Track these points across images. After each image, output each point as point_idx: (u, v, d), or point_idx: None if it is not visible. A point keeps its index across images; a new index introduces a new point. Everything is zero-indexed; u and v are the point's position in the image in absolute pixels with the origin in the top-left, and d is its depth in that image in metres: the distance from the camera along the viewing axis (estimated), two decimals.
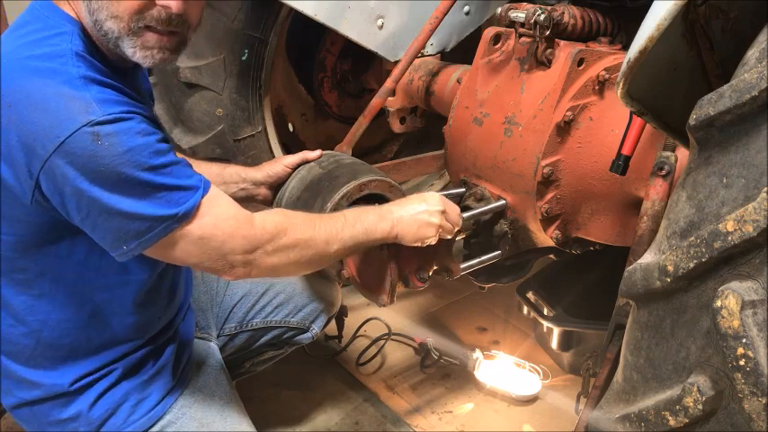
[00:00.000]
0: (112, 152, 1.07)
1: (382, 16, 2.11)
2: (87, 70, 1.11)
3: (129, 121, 1.10)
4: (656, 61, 0.95)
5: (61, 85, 1.07)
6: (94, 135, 1.05)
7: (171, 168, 1.14)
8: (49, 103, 1.06)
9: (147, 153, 1.10)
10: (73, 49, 1.12)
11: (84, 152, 1.05)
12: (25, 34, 1.15)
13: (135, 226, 1.12)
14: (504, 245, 1.72)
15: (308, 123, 2.86)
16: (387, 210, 1.39)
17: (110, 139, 1.06)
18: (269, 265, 1.25)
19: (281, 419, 2.09)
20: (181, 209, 1.13)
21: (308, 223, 1.29)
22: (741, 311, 0.75)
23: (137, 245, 1.14)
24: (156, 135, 1.14)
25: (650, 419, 0.87)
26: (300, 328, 1.77)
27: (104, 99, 1.09)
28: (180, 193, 1.14)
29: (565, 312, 2.14)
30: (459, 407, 2.18)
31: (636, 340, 0.92)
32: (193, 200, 1.15)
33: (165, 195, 1.12)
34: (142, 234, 1.13)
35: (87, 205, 1.09)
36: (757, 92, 0.75)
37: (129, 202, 1.09)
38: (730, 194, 0.78)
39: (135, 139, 1.09)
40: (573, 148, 1.61)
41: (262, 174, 1.66)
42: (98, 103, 1.08)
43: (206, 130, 2.18)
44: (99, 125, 1.06)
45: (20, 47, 1.12)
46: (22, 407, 1.34)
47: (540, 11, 1.59)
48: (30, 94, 1.07)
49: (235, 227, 1.20)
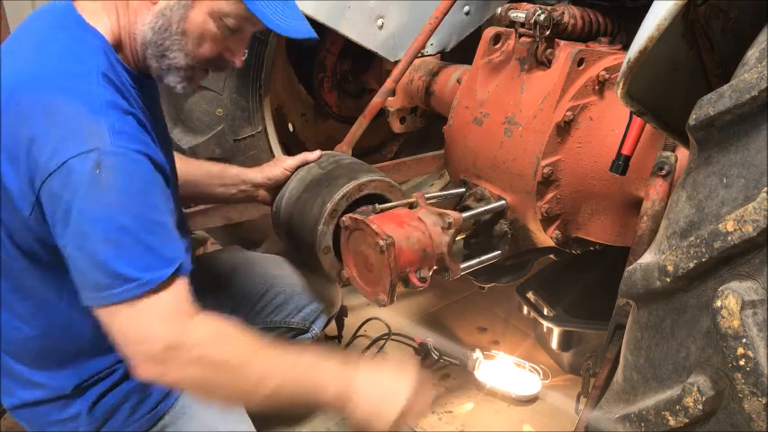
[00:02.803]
0: (107, 186, 1.05)
1: (382, 16, 2.11)
2: (111, 94, 1.11)
3: (135, 162, 1.08)
4: (656, 61, 0.95)
5: (82, 106, 1.07)
6: (96, 163, 1.04)
7: (158, 229, 1.10)
8: (65, 121, 1.05)
9: (140, 201, 1.08)
10: (100, 69, 1.12)
11: (81, 177, 1.04)
12: (53, 45, 1.14)
13: (96, 277, 1.07)
14: (504, 245, 1.72)
15: (308, 123, 2.85)
16: (348, 380, 1.18)
17: (109, 174, 1.05)
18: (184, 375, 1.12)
19: (281, 419, 2.09)
20: (147, 276, 1.07)
21: (250, 349, 1.14)
22: (741, 311, 0.75)
23: (92, 297, 1.08)
24: (157, 188, 1.11)
25: (650, 419, 0.87)
26: (301, 328, 1.77)
27: (119, 130, 1.08)
28: (154, 258, 1.09)
29: (565, 312, 2.14)
30: (459, 407, 2.18)
31: (636, 340, 0.92)
32: (164, 272, 1.09)
33: (140, 254, 1.07)
34: (99, 288, 1.07)
35: (70, 234, 1.06)
36: (757, 92, 0.75)
37: (102, 247, 1.05)
38: (730, 194, 0.78)
39: (134, 183, 1.07)
40: (573, 148, 1.60)
41: (261, 176, 1.67)
42: (112, 132, 1.06)
43: (206, 130, 2.18)
44: (105, 155, 1.04)
45: (47, 58, 1.12)
46: (23, 407, 1.34)
47: (540, 11, 1.59)
48: (50, 109, 1.06)
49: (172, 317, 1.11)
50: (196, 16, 1.17)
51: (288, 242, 1.70)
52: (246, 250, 1.97)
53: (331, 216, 1.50)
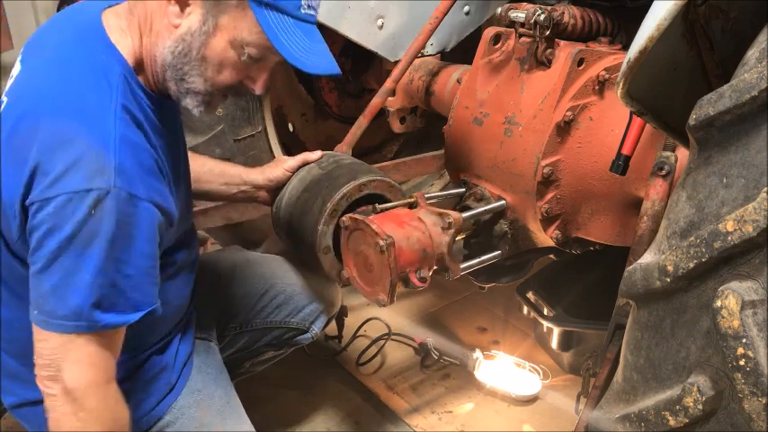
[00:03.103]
0: (95, 227, 1.05)
1: (382, 16, 2.11)
2: (127, 128, 1.10)
3: (131, 206, 1.07)
4: (656, 61, 0.95)
5: (94, 141, 1.07)
6: (94, 202, 1.04)
7: (134, 273, 1.11)
8: (74, 154, 1.05)
9: (124, 246, 1.08)
10: (119, 100, 1.11)
11: (74, 213, 1.04)
12: (76, 67, 1.13)
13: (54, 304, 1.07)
14: (504, 245, 1.72)
15: (308, 123, 2.85)
16: None
17: (104, 215, 1.05)
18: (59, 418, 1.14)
19: (281, 419, 2.09)
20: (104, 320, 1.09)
21: None
22: (741, 311, 0.75)
23: (42, 321, 1.09)
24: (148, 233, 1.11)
25: (650, 419, 0.87)
26: (300, 328, 1.77)
27: (126, 171, 1.07)
28: (119, 303, 1.10)
29: (565, 312, 2.14)
30: (459, 407, 2.18)
31: (636, 340, 0.92)
32: (122, 319, 1.11)
33: (108, 296, 1.08)
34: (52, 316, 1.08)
35: (41, 256, 1.07)
36: (757, 92, 0.75)
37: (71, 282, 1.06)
38: (730, 194, 0.78)
39: (123, 227, 1.07)
40: (573, 148, 1.60)
41: (262, 177, 1.67)
42: (117, 173, 1.06)
43: (206, 130, 2.18)
44: (103, 197, 1.04)
45: (68, 82, 1.11)
46: (23, 406, 1.34)
47: (540, 11, 1.59)
48: (62, 139, 1.06)
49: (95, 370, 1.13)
50: (217, 44, 1.15)
51: (288, 242, 1.70)
52: (246, 250, 1.97)
53: (331, 216, 1.50)
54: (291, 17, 1.14)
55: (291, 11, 1.14)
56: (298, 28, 1.15)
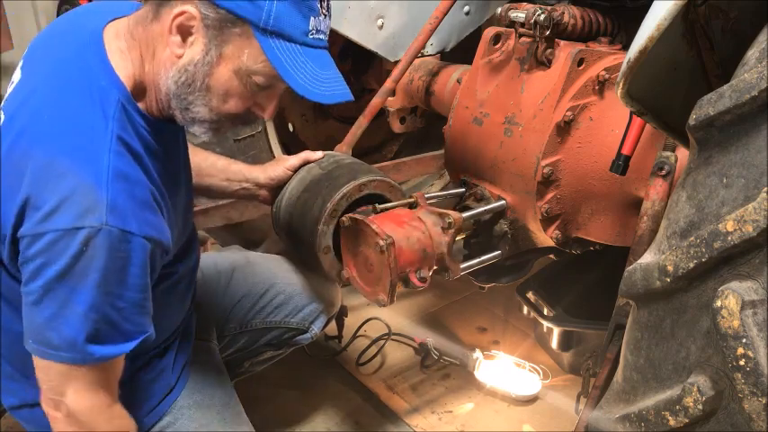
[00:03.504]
0: (87, 264, 1.04)
1: (382, 16, 2.11)
2: (122, 161, 1.08)
3: (123, 242, 1.06)
4: (656, 61, 0.95)
5: (87, 176, 1.05)
6: (86, 240, 1.03)
7: (126, 306, 1.10)
8: (66, 189, 1.04)
9: (116, 280, 1.07)
10: (115, 132, 1.09)
11: (66, 250, 1.03)
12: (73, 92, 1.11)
13: (50, 335, 1.08)
14: (504, 245, 1.72)
15: (308, 123, 2.85)
16: None
17: (96, 252, 1.04)
18: None
19: (281, 419, 2.09)
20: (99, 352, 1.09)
21: None
22: (741, 311, 0.75)
23: (37, 349, 1.10)
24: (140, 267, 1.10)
25: (650, 419, 0.87)
26: (300, 328, 1.77)
27: (118, 207, 1.06)
28: (112, 335, 1.10)
29: (565, 312, 2.14)
30: (459, 407, 2.18)
31: (636, 340, 0.92)
32: (116, 350, 1.11)
33: (100, 330, 1.08)
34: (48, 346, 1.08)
35: (34, 289, 1.06)
36: (757, 92, 0.76)
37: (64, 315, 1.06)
38: (730, 194, 0.78)
39: (115, 262, 1.06)
40: (573, 148, 1.60)
41: (264, 176, 1.67)
42: (109, 209, 1.04)
43: None
44: (95, 234, 1.03)
45: (63, 109, 1.09)
46: (23, 408, 1.34)
47: (540, 11, 1.59)
48: (54, 171, 1.05)
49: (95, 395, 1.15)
50: (221, 74, 1.12)
51: (288, 242, 1.70)
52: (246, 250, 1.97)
53: (331, 216, 1.50)
54: (299, 44, 1.11)
55: (298, 38, 1.10)
56: (306, 55, 1.12)
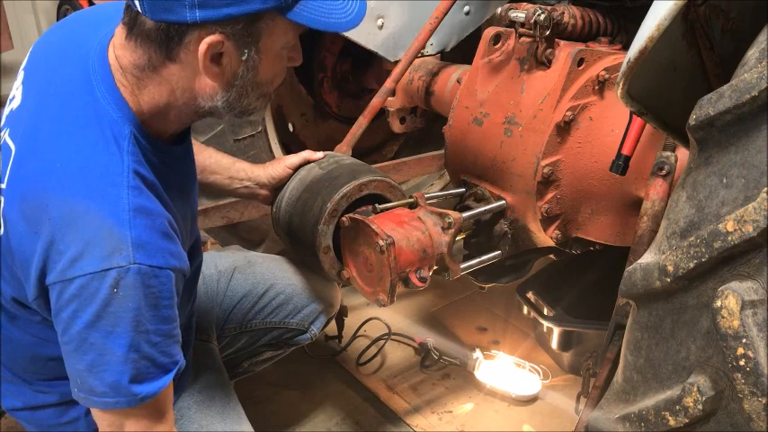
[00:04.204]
0: (120, 305, 1.03)
1: (382, 16, 2.11)
2: (140, 196, 1.07)
3: (153, 278, 1.05)
4: (656, 61, 0.95)
5: (108, 216, 1.03)
6: (115, 281, 1.02)
7: (161, 341, 1.10)
8: (89, 232, 1.03)
9: (150, 316, 1.07)
10: (130, 167, 1.07)
11: (96, 294, 1.02)
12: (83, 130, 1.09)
13: (93, 383, 1.08)
14: (504, 245, 1.72)
15: (308, 123, 2.85)
16: None
17: (127, 292, 1.03)
18: None
19: (281, 419, 2.09)
20: (142, 391, 1.09)
21: None
22: (741, 311, 0.75)
23: (84, 398, 1.10)
24: (170, 300, 1.10)
25: (650, 419, 0.87)
26: (300, 329, 1.77)
27: (143, 243, 1.05)
28: (152, 371, 1.10)
29: (565, 312, 2.14)
30: (459, 407, 2.18)
31: (636, 340, 0.92)
32: (159, 384, 1.11)
33: (140, 369, 1.08)
34: (93, 394, 1.08)
35: (70, 338, 1.06)
36: (757, 92, 0.75)
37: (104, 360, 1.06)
38: (730, 194, 0.78)
39: (147, 299, 1.05)
40: (573, 148, 1.61)
41: (265, 175, 1.67)
42: (135, 247, 1.03)
43: (206, 129, 2.18)
44: (124, 274, 1.02)
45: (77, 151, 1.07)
46: (22, 410, 1.34)
47: (540, 11, 1.59)
48: (74, 214, 1.03)
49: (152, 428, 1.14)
50: (265, 66, 1.13)
51: (288, 242, 1.70)
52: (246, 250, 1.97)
53: (331, 216, 1.50)
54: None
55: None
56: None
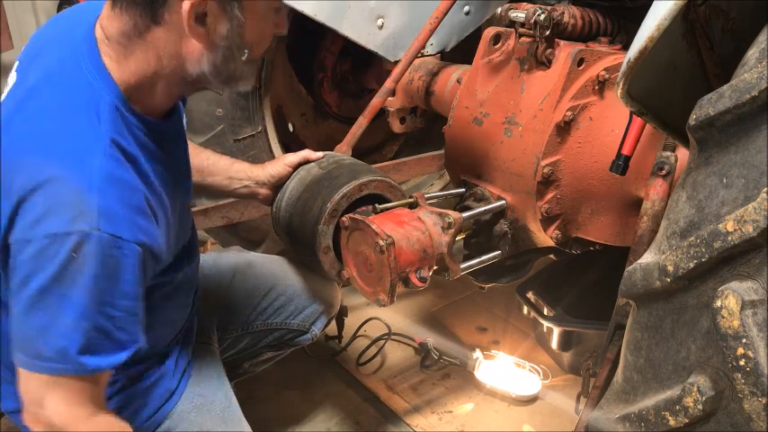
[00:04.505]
0: (77, 270, 1.02)
1: (382, 16, 2.11)
2: (115, 165, 1.06)
3: (114, 248, 1.04)
4: (656, 61, 0.95)
5: (75, 182, 1.03)
6: (76, 245, 1.01)
7: (120, 314, 1.08)
8: (57, 195, 1.02)
9: (107, 287, 1.05)
10: (108, 134, 1.07)
11: (55, 257, 1.01)
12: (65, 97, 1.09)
13: (40, 347, 1.05)
14: (504, 245, 1.72)
15: (308, 123, 2.86)
16: None
17: (86, 258, 1.02)
18: None
19: (281, 419, 2.09)
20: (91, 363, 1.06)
21: None
22: (741, 311, 0.75)
23: (27, 362, 1.07)
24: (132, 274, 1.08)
25: (650, 419, 0.87)
26: (301, 329, 1.77)
27: (110, 212, 1.04)
28: (104, 345, 1.08)
29: (565, 312, 2.14)
30: (459, 407, 2.18)
31: (636, 340, 0.92)
32: (108, 361, 1.09)
33: (91, 340, 1.06)
34: (39, 358, 1.05)
35: (24, 297, 1.04)
36: (757, 92, 0.75)
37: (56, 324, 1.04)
38: (730, 194, 0.78)
39: (106, 269, 1.04)
40: (573, 148, 1.60)
41: (265, 174, 1.67)
42: (101, 214, 1.02)
43: (206, 130, 2.18)
44: (86, 239, 1.01)
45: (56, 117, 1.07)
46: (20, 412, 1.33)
47: (540, 11, 1.59)
48: (45, 177, 1.03)
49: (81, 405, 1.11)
50: (251, 25, 1.12)
51: (288, 242, 1.70)
52: (247, 251, 1.97)
53: (331, 216, 1.50)
54: None
55: None
56: None
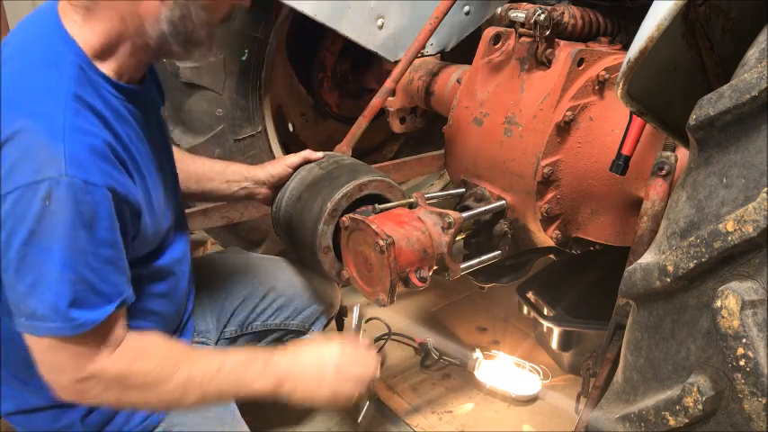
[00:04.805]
0: (54, 219, 1.03)
1: (382, 16, 2.11)
2: (77, 117, 1.07)
3: (87, 194, 1.05)
4: (656, 61, 0.95)
5: (42, 131, 1.04)
6: (47, 194, 1.02)
7: (101, 266, 1.09)
8: (23, 146, 1.04)
9: (86, 236, 1.05)
10: (70, 90, 1.08)
11: (29, 207, 1.02)
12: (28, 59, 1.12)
13: (34, 306, 1.06)
14: (504, 245, 1.72)
15: (308, 123, 2.86)
16: (275, 363, 1.26)
17: (59, 206, 1.03)
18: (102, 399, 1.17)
19: (281, 419, 2.09)
20: (83, 317, 1.07)
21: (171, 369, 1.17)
22: (741, 311, 0.75)
23: (29, 326, 1.08)
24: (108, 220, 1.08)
25: (650, 419, 0.87)
26: (300, 330, 1.77)
27: (78, 158, 1.05)
28: (93, 298, 1.09)
29: (565, 312, 2.14)
30: (459, 407, 2.18)
31: (636, 340, 0.92)
32: (100, 313, 1.09)
33: (80, 293, 1.07)
34: (35, 318, 1.07)
35: (10, 260, 1.05)
36: (757, 92, 0.75)
37: (44, 280, 1.05)
38: (730, 194, 0.78)
39: (82, 216, 1.05)
40: (573, 148, 1.60)
41: (264, 173, 1.67)
42: (68, 160, 1.03)
43: (206, 130, 2.18)
44: (56, 185, 1.02)
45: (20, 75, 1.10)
46: (17, 414, 1.33)
47: (540, 11, 1.59)
48: (10, 132, 1.05)
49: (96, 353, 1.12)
50: None
51: (288, 242, 1.70)
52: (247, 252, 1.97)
53: (331, 216, 1.50)
54: None
55: None
56: None
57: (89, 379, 1.13)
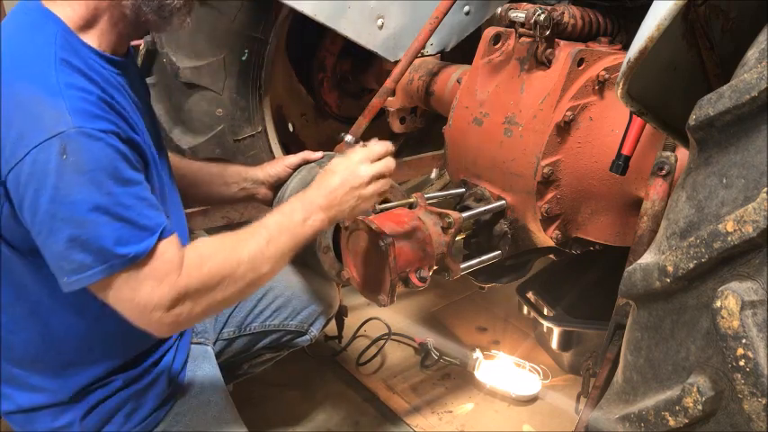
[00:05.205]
0: (75, 169, 1.04)
1: (382, 16, 2.11)
2: (70, 76, 1.09)
3: (99, 140, 1.07)
4: (656, 61, 0.95)
5: (40, 91, 1.06)
6: (62, 148, 1.03)
7: (133, 202, 1.10)
8: (26, 109, 1.05)
9: (111, 178, 1.07)
10: (57, 55, 1.10)
11: (47, 165, 1.03)
12: (14, 32, 1.15)
13: (78, 258, 1.07)
14: (504, 245, 1.72)
15: (308, 123, 2.85)
16: (308, 202, 1.29)
17: (75, 156, 1.04)
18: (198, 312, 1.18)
19: (281, 419, 2.09)
20: (131, 250, 1.08)
21: (234, 255, 1.20)
22: (741, 312, 0.74)
23: (76, 280, 1.09)
24: (126, 162, 1.10)
25: (650, 420, 0.87)
26: (299, 330, 1.76)
27: (81, 110, 1.07)
28: (134, 232, 1.09)
29: (565, 312, 2.14)
30: (459, 407, 2.18)
31: (636, 340, 0.92)
32: (146, 244, 1.10)
33: (120, 230, 1.08)
34: (83, 269, 1.07)
35: (40, 222, 1.06)
36: (757, 92, 0.75)
37: (81, 228, 1.05)
38: (730, 195, 0.78)
39: (101, 161, 1.06)
40: (573, 148, 1.60)
41: (263, 173, 1.67)
42: (72, 113, 1.05)
43: (206, 130, 2.18)
44: (68, 138, 1.04)
45: (8, 47, 1.12)
46: (17, 413, 1.32)
47: (540, 11, 1.59)
48: (11, 102, 1.06)
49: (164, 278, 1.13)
50: None
51: None
52: None
53: None
54: None
55: None
56: None
57: (177, 303, 1.14)
